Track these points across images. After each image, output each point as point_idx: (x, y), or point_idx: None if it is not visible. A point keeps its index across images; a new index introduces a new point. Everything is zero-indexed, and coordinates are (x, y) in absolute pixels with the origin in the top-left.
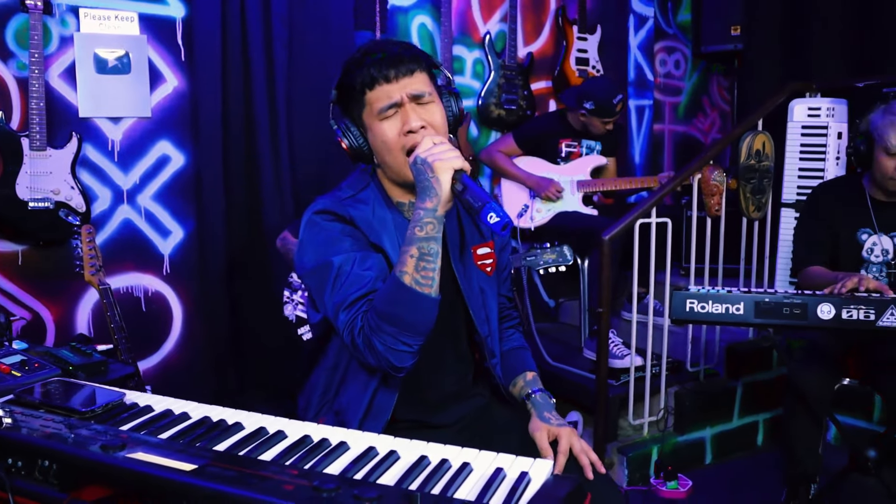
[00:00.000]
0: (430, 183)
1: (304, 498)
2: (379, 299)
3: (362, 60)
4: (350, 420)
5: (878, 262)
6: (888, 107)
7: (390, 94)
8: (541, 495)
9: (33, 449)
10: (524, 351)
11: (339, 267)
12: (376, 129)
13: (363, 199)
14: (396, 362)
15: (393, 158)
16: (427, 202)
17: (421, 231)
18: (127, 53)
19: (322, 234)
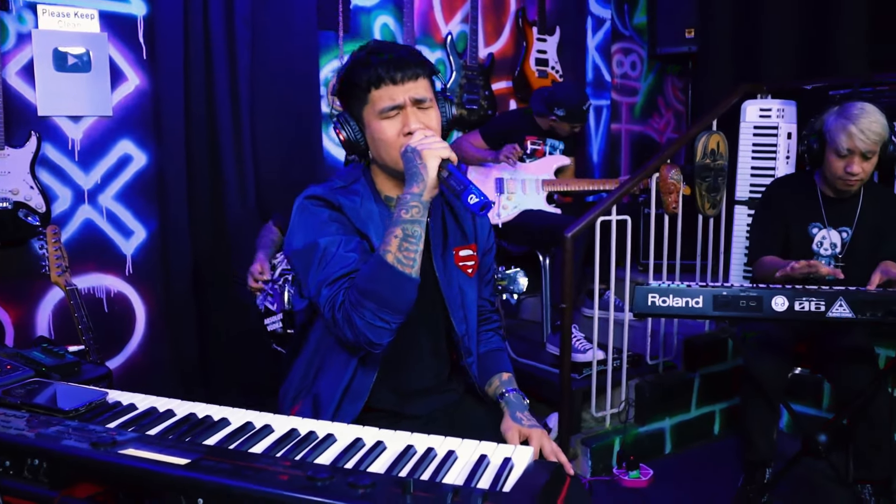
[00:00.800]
0: (418, 169)
1: (299, 487)
2: (361, 276)
3: (368, 60)
4: (326, 403)
5: (827, 255)
6: (841, 109)
7: (394, 96)
8: (524, 479)
9: (21, 448)
10: (501, 353)
11: (324, 248)
12: (376, 126)
13: (353, 190)
14: (374, 338)
15: (389, 155)
16: (414, 187)
17: (406, 213)
18: (87, 51)
19: (311, 218)
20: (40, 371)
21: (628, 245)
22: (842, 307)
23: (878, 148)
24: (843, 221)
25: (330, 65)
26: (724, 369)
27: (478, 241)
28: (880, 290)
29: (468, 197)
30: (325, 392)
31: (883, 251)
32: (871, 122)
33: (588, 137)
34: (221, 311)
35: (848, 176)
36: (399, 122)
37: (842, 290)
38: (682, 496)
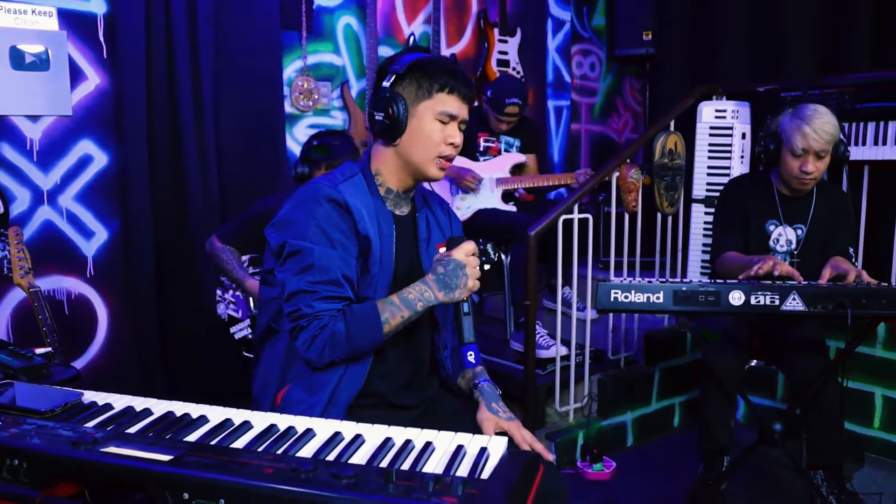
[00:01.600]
0: (455, 287)
1: (285, 479)
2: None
3: (450, 66)
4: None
5: (783, 252)
6: (796, 111)
7: (456, 108)
8: (501, 467)
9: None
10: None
11: (319, 257)
12: (427, 122)
13: (356, 183)
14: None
15: (424, 152)
16: (441, 294)
17: (422, 307)
18: (46, 49)
19: (312, 220)
20: (8, 373)
21: (590, 243)
22: (795, 300)
23: (830, 147)
24: (797, 219)
25: (293, 64)
26: (683, 363)
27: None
28: (830, 283)
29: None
30: (321, 378)
31: (832, 247)
32: (824, 122)
33: (549, 137)
34: (184, 312)
35: (803, 175)
36: (448, 131)
37: (795, 285)
38: (645, 486)
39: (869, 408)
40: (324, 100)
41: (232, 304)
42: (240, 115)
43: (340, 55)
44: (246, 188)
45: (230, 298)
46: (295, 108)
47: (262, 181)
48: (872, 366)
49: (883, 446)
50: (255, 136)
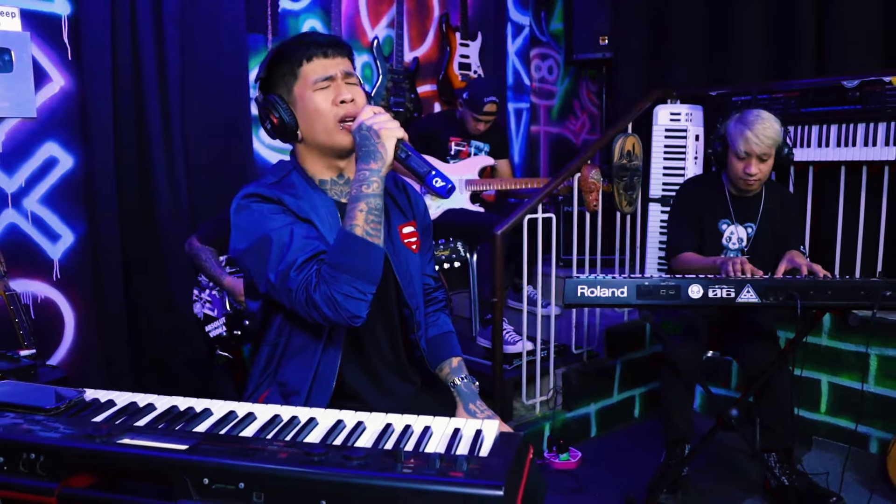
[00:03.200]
0: (376, 148)
1: (300, 462)
2: (332, 254)
3: (299, 40)
4: (296, 389)
5: (735, 249)
6: (740, 116)
7: (327, 68)
8: (497, 446)
9: (16, 444)
10: (450, 335)
11: (277, 238)
12: (309, 99)
13: (288, 183)
14: (354, 310)
15: (324, 126)
16: (372, 164)
17: (368, 188)
18: (9, 51)
19: (254, 215)
20: None
21: (553, 241)
22: (749, 293)
23: (773, 151)
24: (748, 218)
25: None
26: (643, 356)
27: (416, 217)
28: (781, 277)
29: (433, 180)
30: (291, 379)
31: (787, 245)
32: (766, 127)
33: (510, 139)
34: (152, 314)
35: (747, 176)
36: (332, 93)
37: (748, 279)
38: (610, 474)
39: (816, 394)
40: None
41: (208, 302)
42: (207, 116)
43: None
44: (213, 189)
45: (206, 298)
46: None
47: (229, 182)
48: (819, 355)
49: (829, 430)
50: (223, 138)
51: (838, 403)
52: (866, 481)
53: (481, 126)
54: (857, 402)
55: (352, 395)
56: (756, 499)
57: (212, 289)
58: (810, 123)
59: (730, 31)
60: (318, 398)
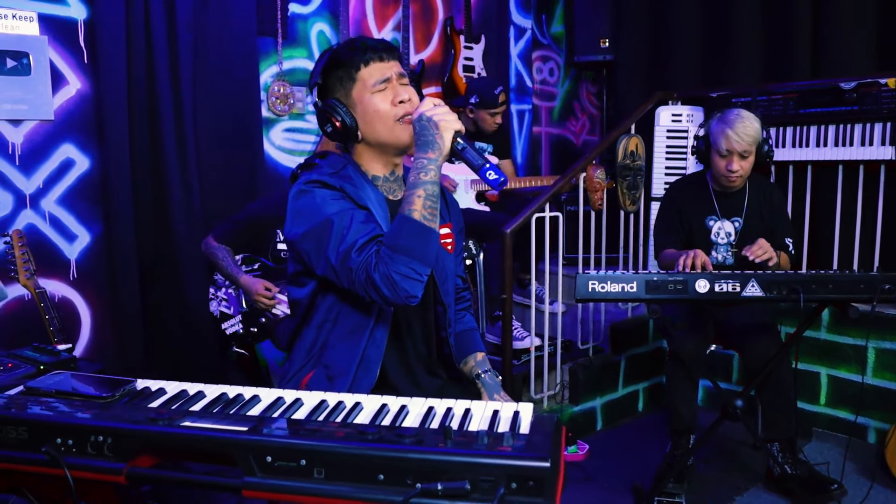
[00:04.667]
0: (434, 139)
1: (357, 440)
2: (391, 236)
3: (352, 45)
4: (342, 373)
5: (724, 243)
6: (722, 115)
7: (383, 71)
8: (535, 424)
9: (83, 428)
10: (474, 332)
11: (339, 221)
12: (368, 101)
13: (345, 176)
14: (410, 290)
15: (384, 126)
16: (430, 153)
17: (426, 176)
18: (27, 54)
19: (315, 199)
20: (39, 369)
21: (560, 239)
22: (754, 287)
23: (753, 148)
24: (734, 212)
25: (269, 70)
26: (647, 351)
27: (452, 220)
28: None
29: (487, 173)
30: (338, 363)
31: (773, 241)
32: (746, 125)
33: (512, 140)
34: (167, 313)
35: (729, 173)
36: (390, 94)
37: (753, 273)
38: (616, 465)
39: (815, 386)
40: (299, 104)
41: (224, 301)
42: (218, 118)
43: (314, 61)
44: (225, 189)
45: (222, 296)
46: (272, 112)
47: (240, 183)
48: (818, 348)
49: (828, 421)
50: (234, 140)
51: (837, 395)
52: (865, 470)
53: (498, 119)
54: (854, 393)
55: (389, 385)
56: (759, 487)
57: (228, 287)
58: (808, 124)
59: (728, 33)
60: (363, 381)
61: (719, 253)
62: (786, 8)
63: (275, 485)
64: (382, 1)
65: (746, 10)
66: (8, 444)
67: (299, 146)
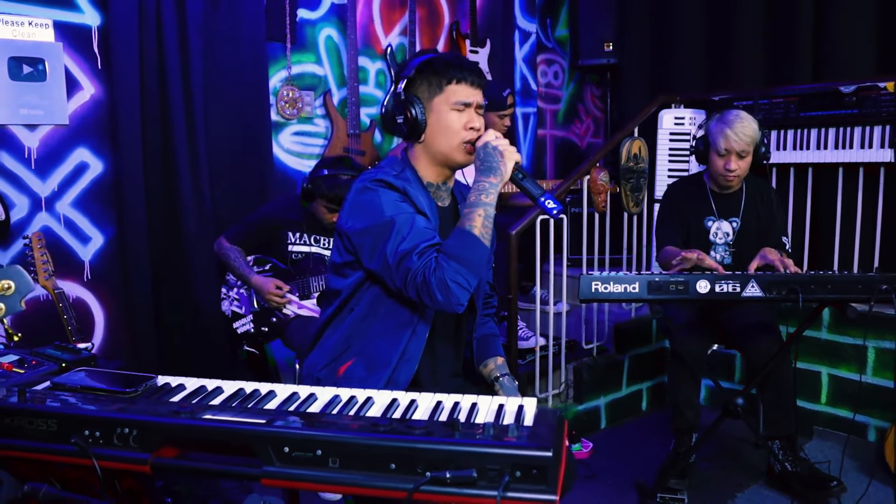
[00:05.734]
0: (498, 165)
1: (369, 432)
2: (452, 246)
3: (452, 59)
4: (383, 364)
5: (722, 243)
6: (721, 116)
7: (468, 95)
8: (539, 417)
9: (110, 420)
10: (496, 338)
11: (402, 223)
12: (445, 113)
13: (405, 178)
14: (461, 297)
15: (448, 142)
16: (491, 178)
17: (486, 198)
18: (42, 61)
19: (380, 198)
20: (61, 366)
21: (565, 241)
22: (754, 288)
23: (751, 148)
24: (731, 213)
25: (278, 74)
26: (650, 350)
27: None
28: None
29: (546, 202)
30: (380, 355)
31: (768, 238)
32: (744, 126)
33: (517, 142)
34: (179, 314)
35: (727, 172)
36: (465, 117)
37: (753, 274)
38: (620, 463)
39: (816, 386)
40: (307, 108)
41: (236, 300)
42: (229, 122)
43: (322, 65)
44: (235, 192)
45: (234, 296)
46: (280, 116)
47: (250, 185)
48: (818, 347)
49: (829, 420)
50: (244, 143)
51: (838, 394)
52: (865, 468)
53: (507, 122)
54: (855, 392)
55: (416, 381)
56: (761, 485)
57: (240, 287)
58: (809, 127)
59: (731, 37)
60: (402, 375)
61: (718, 253)
62: (787, 12)
63: (292, 474)
64: (389, 6)
65: (749, 14)
66: (39, 435)
67: (307, 149)
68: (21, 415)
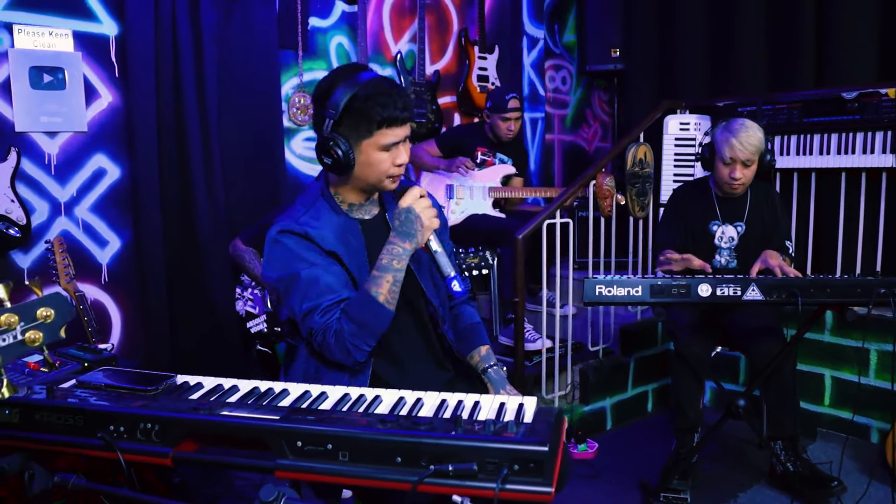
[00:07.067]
0: (415, 233)
1: (377, 427)
2: (354, 310)
3: (383, 101)
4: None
5: (727, 247)
6: (727, 124)
7: (398, 136)
8: (538, 415)
9: (133, 416)
10: (478, 326)
11: (306, 278)
12: (373, 155)
13: (315, 212)
14: (359, 357)
15: (377, 177)
16: (406, 244)
17: (398, 264)
18: (62, 70)
19: (284, 251)
20: (84, 365)
21: (570, 244)
22: (754, 291)
23: (756, 157)
24: (736, 217)
25: (290, 81)
26: (655, 353)
27: None
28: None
29: (452, 283)
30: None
31: (771, 242)
32: (750, 135)
33: (525, 147)
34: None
35: (732, 180)
36: (394, 154)
37: (754, 278)
38: (624, 463)
39: (820, 388)
40: None
41: (250, 300)
42: (242, 128)
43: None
44: (249, 197)
45: (248, 296)
46: (292, 123)
47: (263, 190)
48: (822, 350)
49: (832, 421)
50: (257, 149)
51: (841, 396)
52: (867, 469)
53: (511, 126)
54: (858, 394)
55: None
56: (763, 485)
57: (254, 287)
58: (812, 132)
59: (734, 44)
60: None
61: (722, 257)
62: (790, 19)
63: (304, 466)
64: (399, 14)
65: (752, 21)
66: (67, 430)
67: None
68: (50, 411)
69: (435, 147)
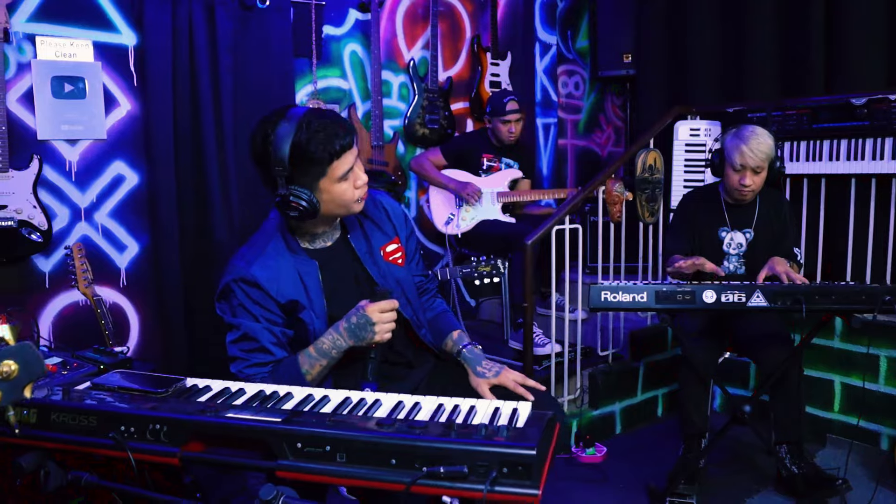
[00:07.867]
0: (363, 338)
1: (374, 430)
2: (281, 377)
3: (321, 138)
4: None
5: (736, 254)
6: (737, 131)
7: (350, 159)
8: (531, 419)
9: (143, 417)
10: (447, 314)
11: (245, 332)
12: (334, 189)
13: (268, 253)
14: None
15: (344, 206)
16: (351, 341)
17: (336, 353)
18: (83, 79)
19: (234, 299)
20: (100, 368)
21: (580, 250)
22: (759, 298)
23: (766, 164)
24: (744, 224)
25: (305, 89)
26: (665, 358)
27: (398, 232)
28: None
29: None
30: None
31: (780, 249)
32: (760, 142)
33: (538, 152)
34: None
35: (742, 187)
36: (353, 178)
37: (758, 285)
38: (632, 468)
39: (829, 394)
40: None
41: None
42: None
43: (347, 80)
44: (263, 204)
45: None
46: None
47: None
48: (831, 356)
49: (842, 427)
50: None
51: (850, 402)
52: (875, 475)
53: (512, 128)
54: (868, 401)
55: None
56: (770, 490)
57: None
58: (822, 139)
59: (745, 50)
60: None
61: (731, 263)
62: (800, 26)
63: (304, 467)
64: (412, 21)
65: (762, 28)
66: (80, 430)
67: None
68: (65, 411)
69: (440, 156)
